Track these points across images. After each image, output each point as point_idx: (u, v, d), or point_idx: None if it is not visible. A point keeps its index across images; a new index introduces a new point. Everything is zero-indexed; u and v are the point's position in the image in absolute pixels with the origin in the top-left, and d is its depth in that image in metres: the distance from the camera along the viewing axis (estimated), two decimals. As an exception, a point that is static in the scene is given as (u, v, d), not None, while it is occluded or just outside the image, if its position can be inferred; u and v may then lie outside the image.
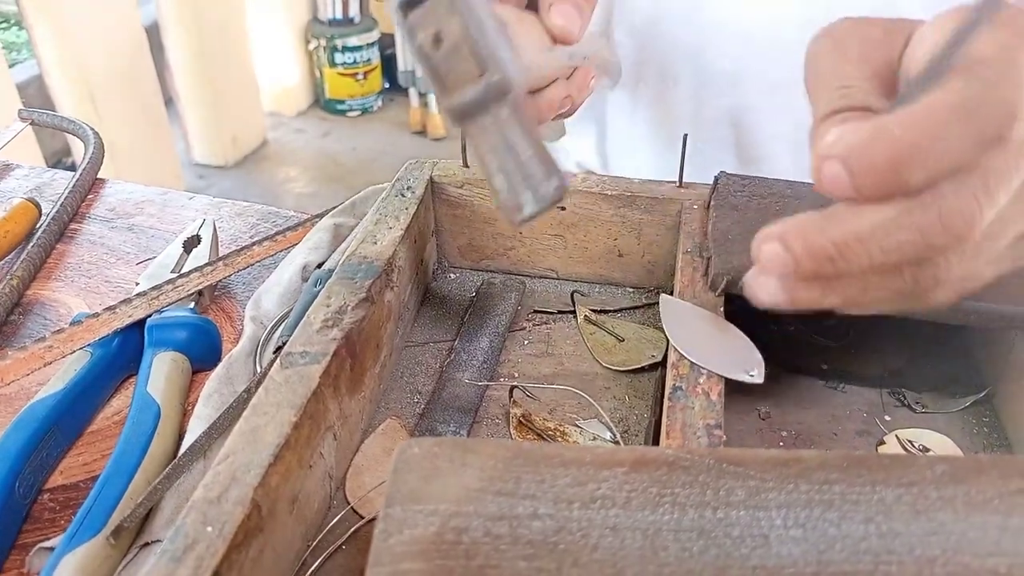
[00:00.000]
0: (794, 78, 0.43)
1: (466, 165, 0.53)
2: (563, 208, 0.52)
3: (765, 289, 0.34)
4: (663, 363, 0.47)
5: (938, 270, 0.31)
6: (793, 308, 0.34)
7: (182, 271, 0.55)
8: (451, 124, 0.36)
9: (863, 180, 0.29)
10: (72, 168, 2.51)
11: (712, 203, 0.47)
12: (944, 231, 0.29)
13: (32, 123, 0.76)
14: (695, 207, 0.49)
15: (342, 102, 3.45)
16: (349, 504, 0.41)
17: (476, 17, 0.34)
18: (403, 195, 0.51)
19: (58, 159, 2.72)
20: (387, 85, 3.56)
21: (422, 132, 3.33)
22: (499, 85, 0.34)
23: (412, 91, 3.33)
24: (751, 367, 0.39)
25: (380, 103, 3.54)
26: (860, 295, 0.33)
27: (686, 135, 0.49)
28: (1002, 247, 0.31)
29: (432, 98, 3.27)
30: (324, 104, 3.49)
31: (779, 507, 0.27)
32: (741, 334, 0.41)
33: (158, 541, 0.39)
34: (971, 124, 0.28)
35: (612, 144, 0.81)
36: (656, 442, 0.42)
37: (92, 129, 0.75)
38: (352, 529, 0.39)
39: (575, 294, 0.54)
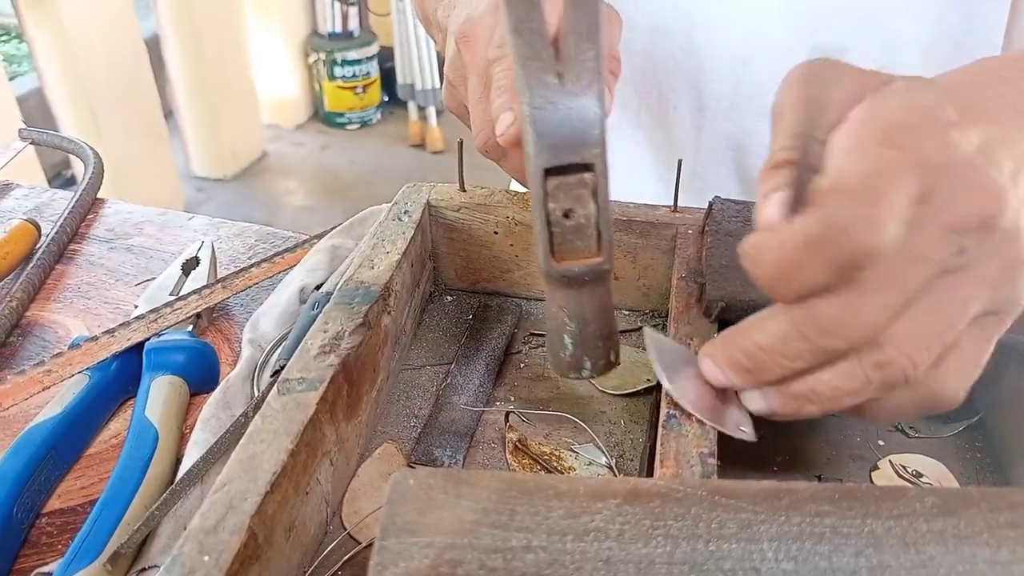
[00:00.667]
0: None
1: (463, 189, 0.54)
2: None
3: (751, 402, 0.38)
4: (658, 387, 0.47)
5: (884, 371, 0.34)
6: (778, 419, 0.38)
7: (180, 294, 0.55)
8: (545, 283, 0.40)
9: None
10: (72, 181, 2.52)
11: (706, 228, 0.48)
12: (826, 335, 0.33)
13: (32, 143, 0.77)
14: (690, 232, 0.50)
15: (341, 115, 3.46)
16: (346, 530, 0.41)
17: (608, 208, 0.37)
18: (400, 219, 0.52)
19: (57, 172, 2.73)
20: (386, 98, 3.57)
21: (420, 145, 3.35)
22: (604, 271, 0.39)
23: (411, 104, 3.34)
24: (743, 422, 0.38)
25: (379, 116, 3.56)
26: (831, 394, 0.35)
27: (680, 160, 0.50)
28: (962, 329, 0.34)
29: (430, 112, 3.29)
30: (323, 117, 3.51)
31: (771, 540, 0.28)
32: None
33: (155, 567, 0.39)
34: (822, 258, 0.31)
35: (613, 167, 0.81)
36: (651, 467, 0.43)
37: (92, 149, 0.75)
38: (349, 555, 0.39)
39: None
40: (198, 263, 0.58)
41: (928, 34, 0.62)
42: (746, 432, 0.37)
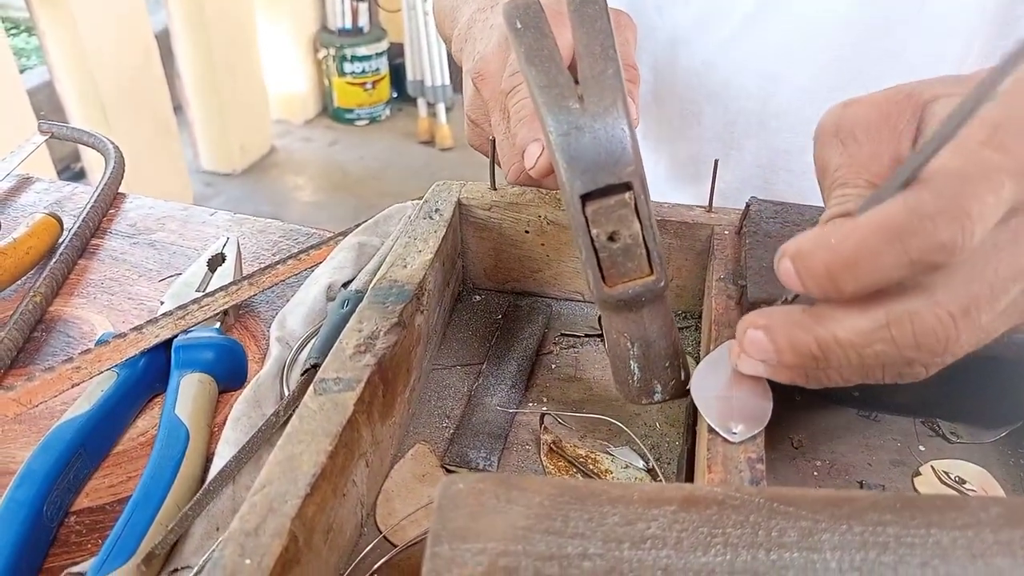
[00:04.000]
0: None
1: (494, 187, 0.53)
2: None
3: (748, 365, 0.36)
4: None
5: (920, 369, 0.33)
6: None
7: (207, 290, 0.54)
8: (600, 310, 0.39)
9: (806, 281, 0.31)
10: (81, 175, 2.50)
11: (744, 230, 0.47)
12: (918, 348, 0.31)
13: (52, 136, 0.76)
14: (726, 233, 0.49)
15: (350, 111, 3.46)
16: (381, 533, 0.40)
17: (653, 223, 0.36)
18: (431, 217, 0.51)
19: (66, 165, 2.73)
20: (395, 95, 3.57)
21: (430, 142, 3.34)
22: (660, 289, 0.37)
23: (420, 101, 3.34)
24: (738, 423, 0.36)
25: (388, 112, 3.55)
26: (841, 381, 0.35)
27: (717, 160, 0.49)
28: (1001, 308, 0.32)
29: (440, 108, 3.28)
30: (332, 113, 3.51)
31: (833, 549, 0.27)
32: (765, 384, 0.38)
33: (187, 567, 0.39)
34: (901, 248, 0.29)
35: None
36: (690, 471, 0.42)
37: (112, 143, 0.75)
38: (385, 558, 0.39)
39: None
40: (224, 259, 0.58)
41: (960, 62, 0.61)
42: (736, 433, 0.36)
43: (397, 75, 3.50)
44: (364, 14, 3.35)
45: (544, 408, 0.47)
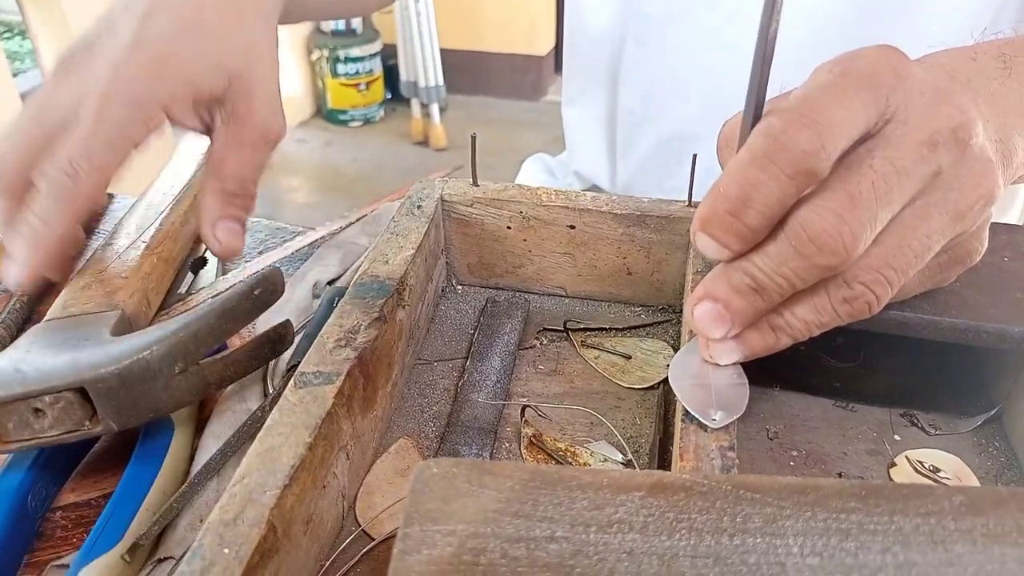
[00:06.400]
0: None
1: (475, 183, 0.53)
2: (572, 227, 0.52)
3: (721, 352, 0.38)
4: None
5: (851, 305, 0.35)
6: (753, 358, 0.38)
7: (191, 291, 0.55)
8: None
9: (720, 237, 0.34)
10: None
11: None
12: (821, 252, 0.33)
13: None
14: (705, 227, 0.50)
15: (344, 112, 3.46)
16: (359, 525, 0.41)
17: None
18: (413, 213, 0.51)
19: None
20: (389, 96, 3.57)
21: (424, 143, 3.34)
22: None
23: (414, 102, 3.34)
24: (717, 410, 0.36)
25: (382, 113, 3.56)
26: (804, 328, 0.36)
27: (695, 155, 0.50)
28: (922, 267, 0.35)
29: (433, 109, 3.29)
30: (326, 114, 3.51)
31: (796, 535, 0.27)
32: (740, 371, 0.39)
33: (171, 558, 0.39)
34: (774, 168, 0.32)
35: (621, 158, 0.81)
36: (661, 459, 0.43)
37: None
38: (364, 550, 0.39)
39: (568, 323, 0.53)
40: (205, 263, 0.58)
41: (977, 19, 0.62)
42: (715, 420, 0.36)
43: (391, 76, 3.51)
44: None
45: (526, 401, 0.48)
